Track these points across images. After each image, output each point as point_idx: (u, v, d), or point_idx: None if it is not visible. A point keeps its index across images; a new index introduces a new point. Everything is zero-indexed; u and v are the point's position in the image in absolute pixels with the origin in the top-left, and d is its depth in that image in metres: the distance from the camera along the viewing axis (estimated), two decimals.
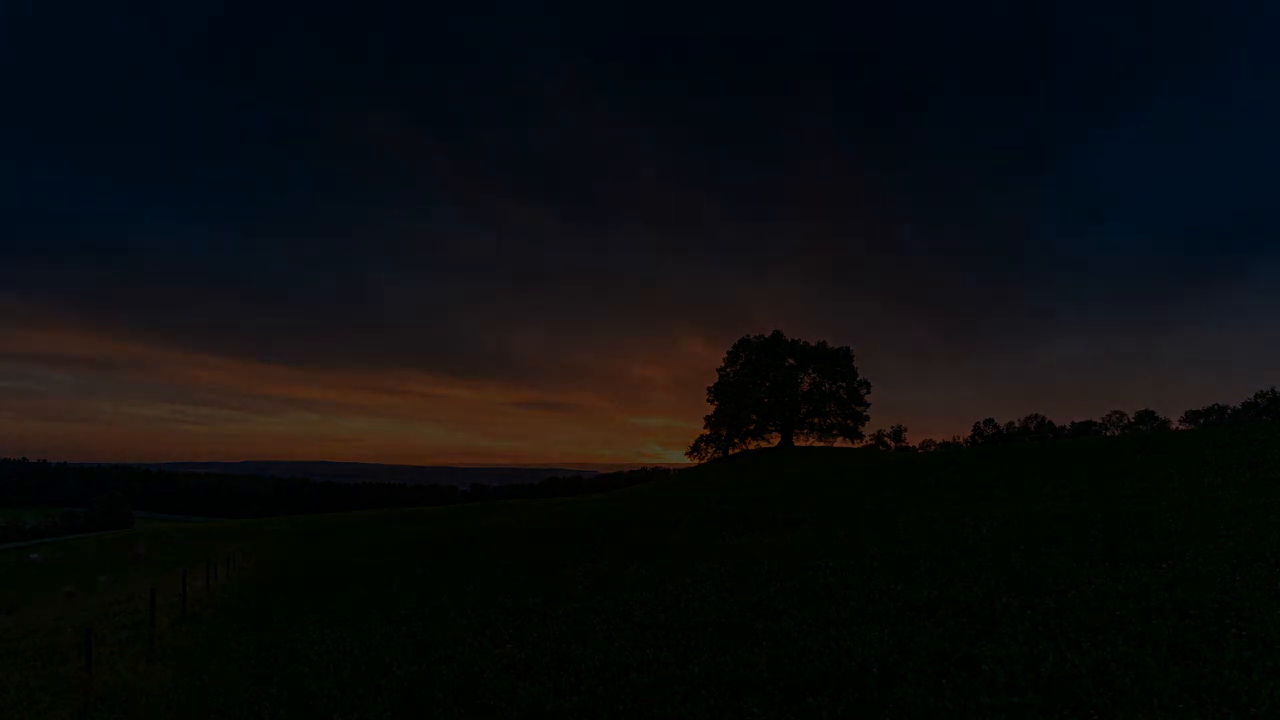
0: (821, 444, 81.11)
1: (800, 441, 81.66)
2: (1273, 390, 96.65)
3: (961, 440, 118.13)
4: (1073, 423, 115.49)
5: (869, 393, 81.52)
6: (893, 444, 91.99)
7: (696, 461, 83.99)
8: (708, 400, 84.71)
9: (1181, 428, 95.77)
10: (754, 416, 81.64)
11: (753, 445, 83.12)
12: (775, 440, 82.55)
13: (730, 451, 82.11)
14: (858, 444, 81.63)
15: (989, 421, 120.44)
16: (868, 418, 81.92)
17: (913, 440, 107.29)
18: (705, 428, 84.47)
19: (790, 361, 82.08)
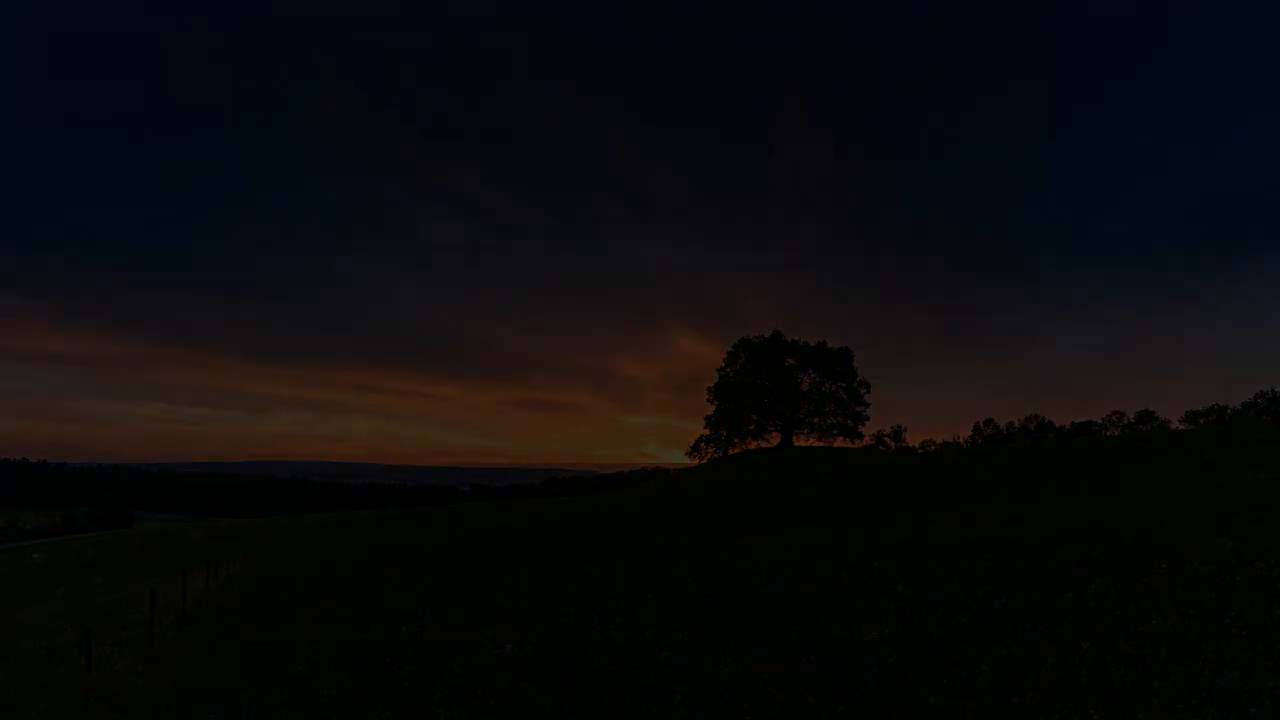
0: (821, 444, 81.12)
1: (800, 441, 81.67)
2: (1273, 390, 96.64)
3: (961, 440, 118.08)
4: (1072, 422, 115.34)
5: (869, 393, 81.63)
6: (893, 444, 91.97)
7: (696, 461, 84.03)
8: (708, 400, 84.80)
9: (1181, 427, 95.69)
10: (754, 416, 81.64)
11: (753, 445, 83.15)
12: (775, 440, 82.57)
13: (730, 452, 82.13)
14: (858, 444, 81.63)
15: (989, 422, 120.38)
16: (868, 418, 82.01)
17: (912, 440, 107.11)
18: (705, 427, 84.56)
19: (790, 361, 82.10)
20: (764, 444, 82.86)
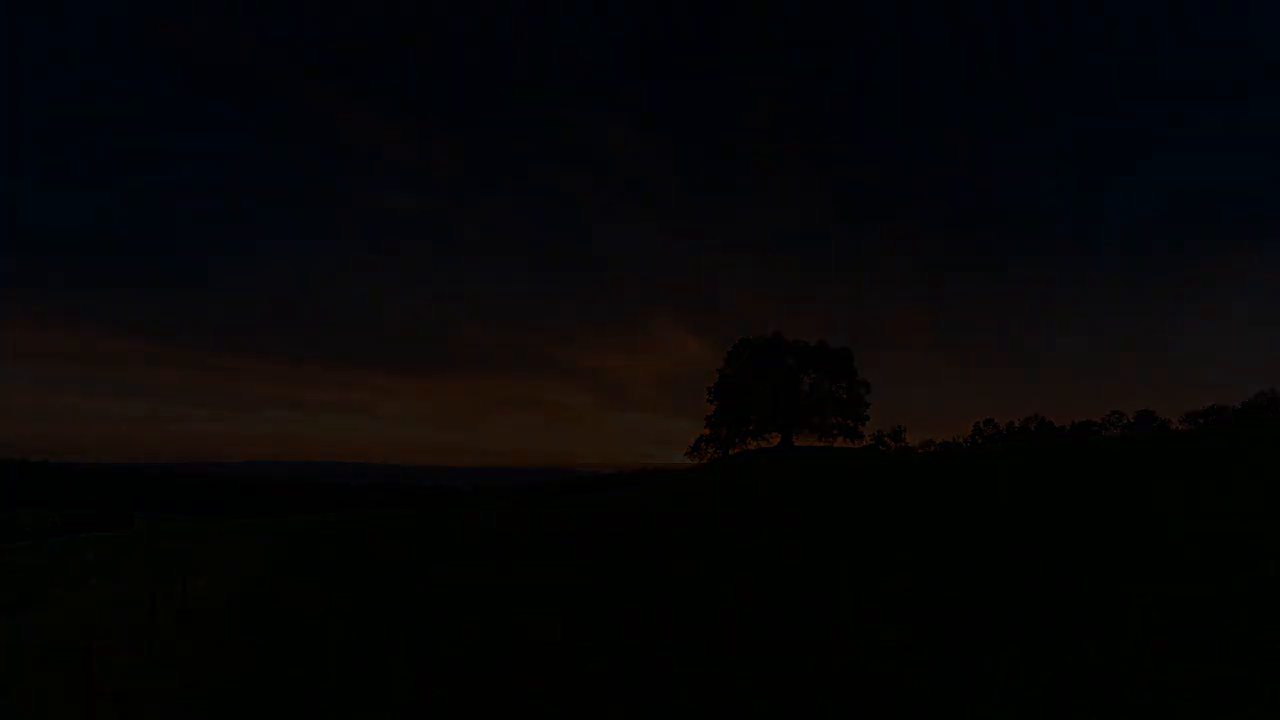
0: (822, 444, 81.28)
1: (800, 442, 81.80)
2: (1273, 390, 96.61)
3: (961, 440, 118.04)
4: (1072, 423, 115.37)
5: (869, 393, 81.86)
6: (893, 444, 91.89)
7: (695, 461, 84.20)
8: (707, 400, 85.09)
9: (1181, 428, 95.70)
10: (754, 417, 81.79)
11: (752, 445, 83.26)
12: (775, 440, 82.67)
13: (730, 452, 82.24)
14: (858, 444, 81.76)
15: (989, 422, 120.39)
16: (868, 418, 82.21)
17: (912, 440, 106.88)
18: (705, 428, 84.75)
19: (790, 362, 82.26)
20: (764, 444, 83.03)
